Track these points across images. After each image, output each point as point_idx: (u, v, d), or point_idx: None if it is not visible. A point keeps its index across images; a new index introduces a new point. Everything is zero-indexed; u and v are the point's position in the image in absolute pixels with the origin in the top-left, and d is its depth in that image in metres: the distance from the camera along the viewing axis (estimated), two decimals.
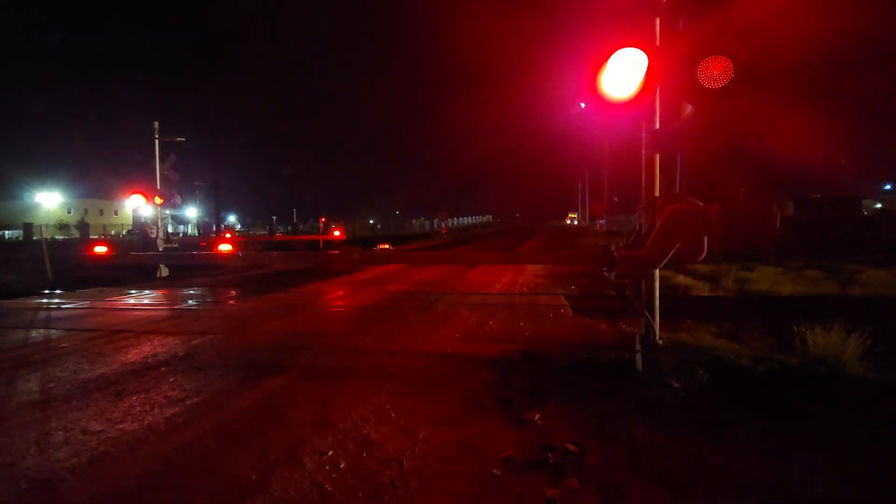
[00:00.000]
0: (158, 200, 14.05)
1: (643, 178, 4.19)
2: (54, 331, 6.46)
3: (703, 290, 9.45)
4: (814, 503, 2.36)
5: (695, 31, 3.59)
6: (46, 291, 10.48)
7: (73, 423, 3.37)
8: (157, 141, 14.43)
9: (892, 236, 17.24)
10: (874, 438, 3.01)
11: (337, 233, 20.26)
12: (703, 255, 3.83)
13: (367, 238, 35.88)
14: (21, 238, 30.50)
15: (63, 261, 12.38)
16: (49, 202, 51.71)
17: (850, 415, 3.39)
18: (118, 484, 2.59)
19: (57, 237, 35.27)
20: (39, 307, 8.65)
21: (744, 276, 10.54)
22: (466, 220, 78.85)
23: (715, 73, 3.35)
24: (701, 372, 4.11)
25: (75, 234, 38.59)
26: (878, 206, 37.74)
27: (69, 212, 54.78)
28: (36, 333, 6.35)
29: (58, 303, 9.05)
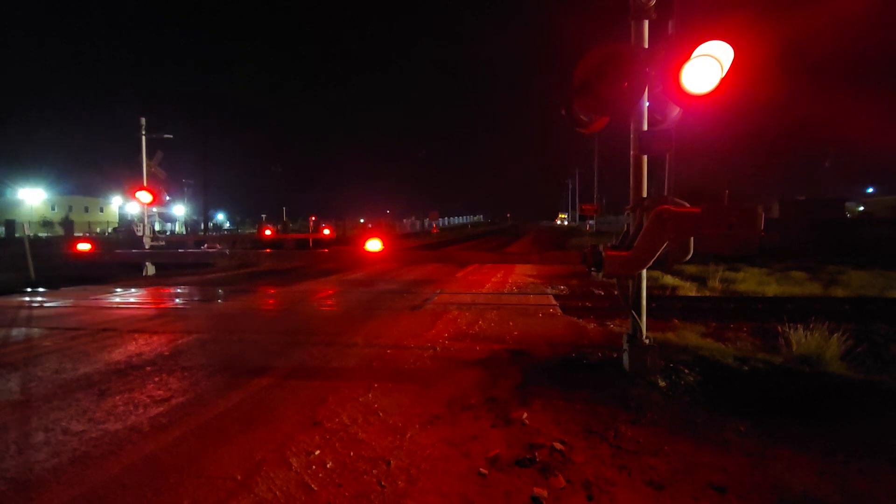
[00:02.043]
0: (145, 198, 13.85)
1: (631, 179, 4.22)
2: (36, 329, 6.34)
3: (689, 290, 9.57)
4: (797, 500, 2.39)
5: (683, 33, 3.63)
6: (29, 290, 10.28)
7: (53, 424, 3.31)
8: (143, 137, 14.23)
9: (874, 238, 17.59)
10: (855, 436, 3.06)
11: (327, 231, 20.11)
12: (690, 255, 3.87)
13: (358, 237, 35.72)
14: (3, 235, 29.90)
15: (46, 258, 12.17)
16: (32, 199, 50.71)
17: (831, 413, 3.45)
18: (100, 485, 2.55)
19: (40, 234, 34.65)
20: (21, 305, 8.48)
21: (730, 276, 10.71)
22: (457, 220, 78.94)
23: (702, 75, 3.39)
24: (687, 371, 4.16)
25: (59, 231, 37.92)
26: (861, 208, 38.50)
27: (53, 209, 53.82)
28: (17, 332, 6.23)
29: (40, 301, 8.88)
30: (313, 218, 26.52)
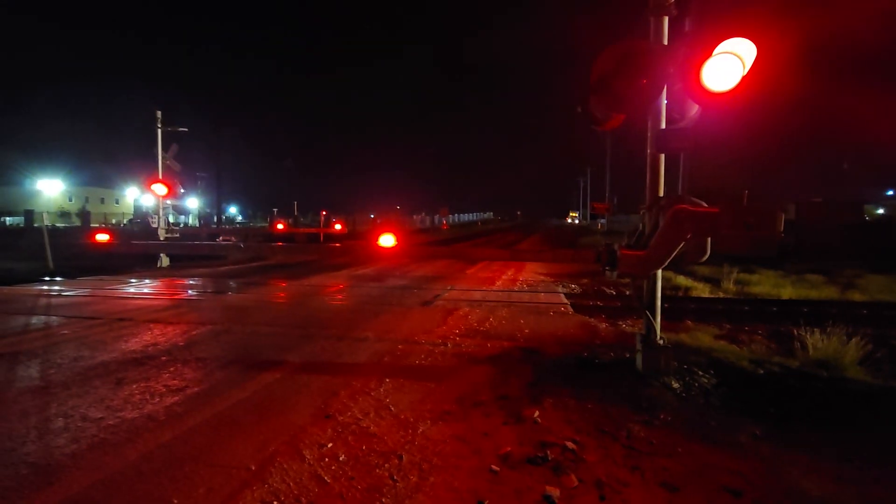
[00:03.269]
0: (160, 190, 14.03)
1: (647, 177, 4.18)
2: (55, 318, 6.46)
3: (703, 291, 9.47)
4: None
5: (701, 31, 3.58)
6: (47, 278, 10.49)
7: (72, 410, 3.38)
8: (159, 130, 14.40)
9: (893, 241, 17.22)
10: (873, 442, 3.01)
11: (338, 226, 20.22)
12: (707, 256, 3.83)
13: (369, 232, 35.84)
14: (22, 225, 30.50)
15: (64, 248, 12.39)
16: (50, 189, 51.60)
17: (848, 419, 3.40)
18: (117, 471, 2.60)
19: (58, 225, 35.27)
20: (40, 294, 8.65)
21: (744, 278, 10.57)
22: (467, 217, 78.78)
23: (721, 73, 3.34)
24: (701, 373, 4.12)
25: (76, 221, 38.58)
26: (881, 210, 37.71)
27: (70, 199, 54.72)
28: (36, 320, 6.36)
29: (58, 290, 9.05)
30: (324, 213, 26.69)
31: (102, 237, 6.11)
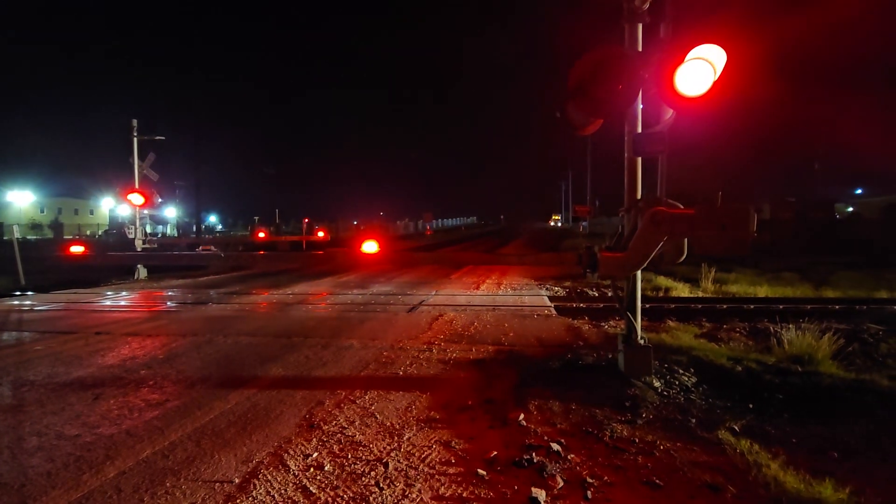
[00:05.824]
0: (137, 200, 13.73)
1: (625, 181, 4.26)
2: (27, 333, 6.27)
3: (682, 291, 9.65)
4: (791, 499, 2.42)
5: (675, 37, 3.68)
6: (18, 293, 10.16)
7: (47, 428, 3.28)
8: (135, 139, 14.11)
9: (863, 239, 17.83)
10: (848, 434, 3.11)
11: (321, 234, 20.05)
12: (684, 256, 3.91)
13: (352, 239, 35.66)
14: None
15: (36, 261, 12.02)
16: (21, 201, 50.09)
17: (824, 412, 3.50)
18: (96, 489, 2.53)
19: (29, 237, 34.23)
20: (11, 309, 8.37)
21: (722, 277, 10.81)
22: (451, 222, 78.94)
23: (695, 78, 3.43)
24: (681, 371, 4.19)
25: (49, 234, 37.50)
26: (850, 209, 38.99)
27: (42, 211, 53.24)
28: (7, 336, 6.15)
29: (30, 304, 8.78)
30: (307, 220, 26.40)
31: (77, 249, 5.96)
